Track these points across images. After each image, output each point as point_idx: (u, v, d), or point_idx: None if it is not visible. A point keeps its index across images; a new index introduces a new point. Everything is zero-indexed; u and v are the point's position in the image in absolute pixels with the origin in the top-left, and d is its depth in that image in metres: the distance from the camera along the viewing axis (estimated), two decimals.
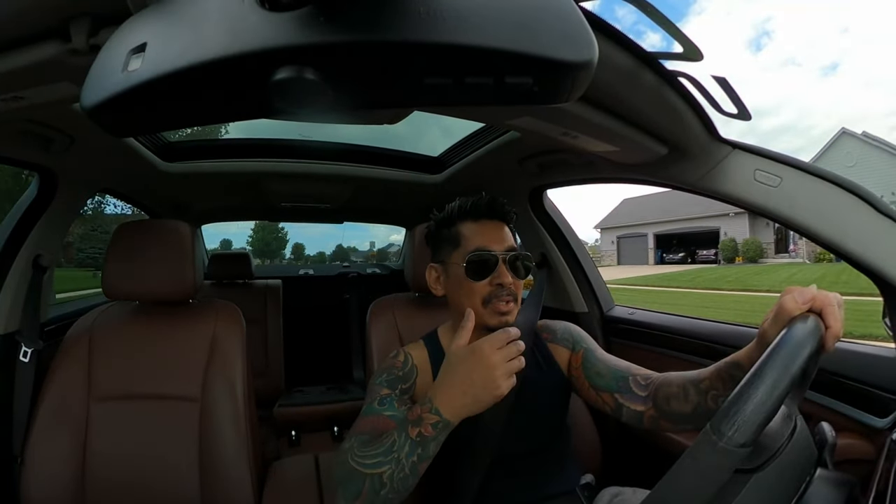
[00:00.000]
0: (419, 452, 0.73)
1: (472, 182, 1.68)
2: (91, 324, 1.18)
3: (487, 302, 0.92)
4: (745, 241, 21.91)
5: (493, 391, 0.71)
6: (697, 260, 24.65)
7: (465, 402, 0.73)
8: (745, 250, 21.74)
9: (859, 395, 0.91)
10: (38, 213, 1.26)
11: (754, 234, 22.24)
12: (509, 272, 0.92)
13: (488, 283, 0.91)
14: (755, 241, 21.73)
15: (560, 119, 0.89)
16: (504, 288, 0.91)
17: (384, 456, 0.74)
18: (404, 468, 0.73)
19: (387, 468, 0.73)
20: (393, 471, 0.73)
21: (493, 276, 0.91)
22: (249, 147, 1.73)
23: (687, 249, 25.45)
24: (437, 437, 0.74)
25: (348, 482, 0.75)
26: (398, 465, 0.73)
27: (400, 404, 0.88)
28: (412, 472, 0.73)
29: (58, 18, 0.56)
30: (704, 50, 0.65)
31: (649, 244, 27.30)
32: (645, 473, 0.85)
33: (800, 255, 20.87)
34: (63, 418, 1.08)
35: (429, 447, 0.74)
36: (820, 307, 0.62)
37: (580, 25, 0.32)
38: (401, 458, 0.73)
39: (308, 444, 1.98)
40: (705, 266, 22.17)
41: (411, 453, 0.73)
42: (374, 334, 1.30)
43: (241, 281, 2.47)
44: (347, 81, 0.32)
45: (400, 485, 0.73)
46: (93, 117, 0.35)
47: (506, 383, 0.72)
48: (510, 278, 0.92)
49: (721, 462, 0.47)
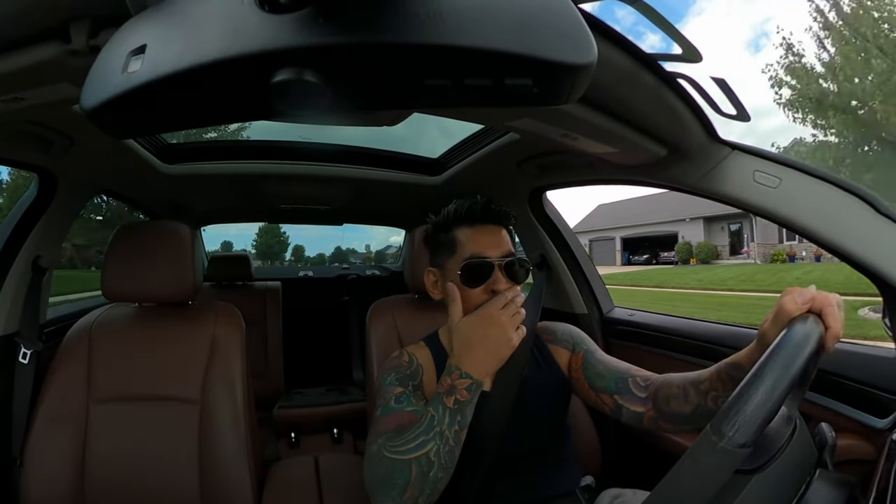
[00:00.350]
0: (459, 420, 0.78)
1: (472, 183, 1.68)
2: (90, 325, 1.18)
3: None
4: (699, 244, 23.87)
5: (508, 343, 0.80)
6: (660, 261, 26.10)
7: (489, 359, 0.81)
8: (698, 252, 23.49)
9: (859, 395, 0.91)
10: (38, 215, 1.26)
11: (709, 237, 24.31)
12: (505, 278, 0.91)
13: (483, 290, 0.91)
14: (708, 244, 23.79)
15: (559, 120, 0.89)
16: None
17: (426, 434, 0.75)
18: (449, 440, 0.76)
19: (432, 445, 0.75)
20: (439, 446, 0.75)
21: (489, 284, 0.90)
22: (249, 149, 1.73)
23: (652, 251, 27.12)
24: (472, 399, 0.80)
25: (391, 477, 0.74)
26: (442, 438, 0.75)
27: (417, 400, 0.88)
28: (456, 442, 0.77)
29: (58, 19, 0.56)
30: (703, 51, 0.66)
31: (616, 247, 29.60)
32: (645, 475, 0.85)
33: (752, 257, 22.28)
34: (63, 420, 1.08)
35: (466, 412, 0.79)
36: (819, 308, 0.62)
37: (579, 27, 0.32)
38: (443, 431, 0.76)
39: (308, 445, 1.98)
40: (661, 267, 23.83)
41: (452, 422, 0.77)
42: (374, 336, 1.30)
43: (240, 283, 2.47)
44: (347, 83, 0.32)
45: (447, 459, 0.75)
46: (92, 118, 0.35)
47: (516, 335, 0.81)
48: (505, 285, 0.90)
49: (721, 463, 0.47)
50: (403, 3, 0.30)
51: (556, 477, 0.97)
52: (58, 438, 1.07)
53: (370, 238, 8.65)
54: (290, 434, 2.01)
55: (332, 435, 2.04)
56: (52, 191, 1.27)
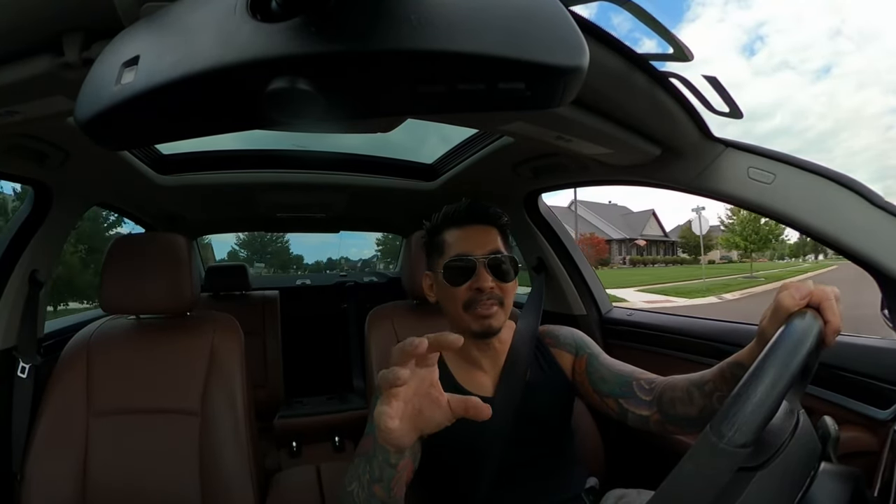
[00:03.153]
0: (369, 470, 0.68)
1: (467, 188, 1.68)
2: (89, 338, 1.18)
3: (468, 307, 0.92)
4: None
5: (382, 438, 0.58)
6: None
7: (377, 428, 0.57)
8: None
9: (860, 387, 0.91)
10: (34, 228, 1.25)
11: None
12: (490, 275, 0.91)
13: (467, 287, 0.91)
14: None
15: (553, 123, 0.89)
16: (483, 292, 0.91)
17: (353, 473, 0.72)
18: (364, 489, 0.69)
19: (355, 486, 0.70)
20: (357, 490, 0.70)
21: (472, 281, 0.91)
22: (244, 158, 1.73)
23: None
24: (377, 455, 0.66)
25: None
26: (360, 484, 0.70)
27: None
28: (369, 493, 0.68)
29: (50, 32, 0.56)
30: (699, 55, 0.66)
31: None
32: (649, 475, 0.84)
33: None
34: (62, 434, 1.07)
35: (373, 466, 0.67)
36: (817, 302, 0.61)
37: (571, 29, 0.32)
38: (361, 478, 0.70)
39: (309, 454, 1.97)
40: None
41: (364, 471, 0.69)
42: (374, 343, 1.30)
43: (237, 293, 2.46)
44: (341, 91, 0.32)
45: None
46: (87, 131, 0.35)
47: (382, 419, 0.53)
48: (490, 282, 0.91)
49: (722, 463, 0.46)
50: (395, 10, 0.30)
51: (560, 480, 0.97)
52: (58, 453, 1.06)
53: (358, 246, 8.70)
54: (292, 443, 2.00)
55: (334, 443, 2.03)
56: (47, 204, 1.26)
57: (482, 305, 0.91)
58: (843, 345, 0.96)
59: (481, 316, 0.91)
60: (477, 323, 0.91)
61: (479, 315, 0.91)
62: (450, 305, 0.95)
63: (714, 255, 53.66)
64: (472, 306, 0.91)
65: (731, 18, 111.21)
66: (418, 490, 0.94)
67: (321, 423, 2.06)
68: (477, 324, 0.92)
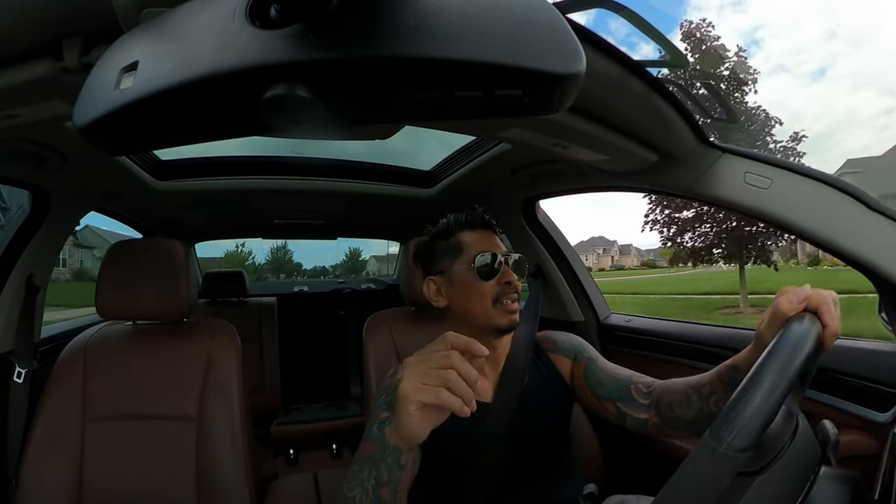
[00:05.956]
0: (375, 475, 0.69)
1: (465, 194, 1.68)
2: (85, 344, 1.17)
3: (497, 301, 0.94)
4: None
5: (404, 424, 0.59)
6: None
7: (397, 427, 0.63)
8: None
9: (859, 390, 0.91)
10: (31, 233, 1.25)
11: None
12: (513, 272, 0.96)
13: (496, 282, 0.94)
14: None
15: (550, 130, 0.90)
16: (511, 286, 0.94)
17: (356, 479, 0.71)
18: (369, 494, 0.69)
19: (357, 491, 0.70)
20: (361, 496, 0.69)
21: (501, 276, 0.94)
22: (242, 164, 1.73)
23: None
24: (386, 457, 0.68)
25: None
26: (363, 489, 0.69)
27: None
28: (375, 497, 0.68)
29: (50, 37, 0.56)
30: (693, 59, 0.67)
31: None
32: (648, 480, 0.84)
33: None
34: (58, 439, 1.06)
35: (381, 469, 0.68)
36: (815, 306, 0.62)
37: (567, 36, 0.32)
38: (365, 483, 0.69)
39: (306, 462, 1.96)
40: None
41: (369, 476, 0.69)
42: (371, 350, 1.29)
43: (235, 299, 2.45)
44: (339, 97, 0.32)
45: None
46: (85, 135, 0.35)
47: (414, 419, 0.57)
48: (515, 277, 0.95)
49: (721, 468, 0.46)
50: (393, 17, 0.30)
51: (559, 486, 0.97)
52: (54, 458, 1.05)
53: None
54: (289, 451, 1.99)
55: (331, 451, 2.02)
56: (45, 208, 1.26)
57: (509, 299, 0.94)
58: (841, 348, 0.96)
59: (509, 311, 0.94)
60: (505, 318, 0.94)
61: (508, 310, 0.94)
62: (474, 303, 0.95)
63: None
64: (500, 300, 0.94)
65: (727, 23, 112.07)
66: (417, 496, 0.93)
67: (318, 431, 2.05)
68: (505, 319, 0.94)
